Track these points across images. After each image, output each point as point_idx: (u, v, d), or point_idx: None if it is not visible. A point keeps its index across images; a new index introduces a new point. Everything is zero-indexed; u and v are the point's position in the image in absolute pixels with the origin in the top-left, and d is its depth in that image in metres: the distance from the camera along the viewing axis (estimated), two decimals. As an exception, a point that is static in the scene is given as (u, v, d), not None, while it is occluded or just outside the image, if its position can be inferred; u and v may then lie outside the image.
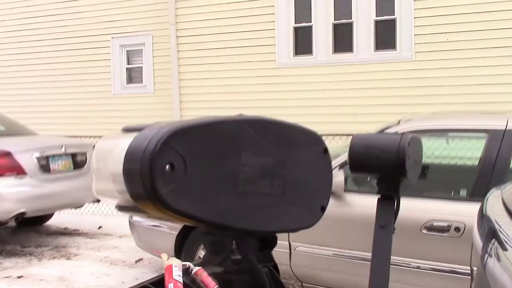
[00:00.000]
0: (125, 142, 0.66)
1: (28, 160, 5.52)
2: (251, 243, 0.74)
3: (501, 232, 1.10)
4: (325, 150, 0.85)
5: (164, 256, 1.77)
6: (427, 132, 3.65)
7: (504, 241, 1.05)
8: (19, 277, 4.77)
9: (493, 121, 3.40)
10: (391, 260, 1.55)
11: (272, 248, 0.79)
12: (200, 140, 0.63)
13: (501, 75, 6.85)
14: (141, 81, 9.54)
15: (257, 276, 0.72)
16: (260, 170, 0.71)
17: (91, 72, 9.68)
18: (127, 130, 0.71)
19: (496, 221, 1.18)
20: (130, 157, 0.62)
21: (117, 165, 0.65)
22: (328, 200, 0.87)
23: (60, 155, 5.89)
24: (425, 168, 4.06)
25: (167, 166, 0.60)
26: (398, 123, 3.72)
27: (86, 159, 6.18)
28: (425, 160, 4.35)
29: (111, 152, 0.70)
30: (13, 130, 6.41)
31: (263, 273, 0.73)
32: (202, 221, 0.64)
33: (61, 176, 5.84)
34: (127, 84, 9.68)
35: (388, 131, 3.54)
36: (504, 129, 3.23)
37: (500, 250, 1.05)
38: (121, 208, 0.72)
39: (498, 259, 1.04)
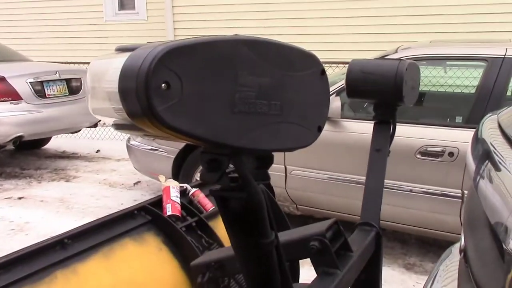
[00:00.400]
0: (119, 61, 0.64)
1: (22, 85, 5.49)
2: (248, 161, 0.75)
3: (495, 154, 1.12)
4: (323, 71, 0.83)
5: (162, 178, 1.80)
6: (425, 60, 3.61)
7: (498, 162, 1.07)
8: (20, 198, 4.88)
9: (492, 49, 3.36)
10: (384, 183, 1.58)
11: (268, 167, 0.79)
12: (196, 59, 0.61)
13: (501, 4, 6.67)
14: (134, 8, 9.23)
15: (254, 193, 0.73)
16: (257, 90, 0.69)
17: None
18: (121, 50, 0.69)
19: (491, 143, 1.19)
20: (125, 75, 0.61)
21: (113, 84, 0.63)
22: (325, 121, 0.86)
23: (54, 81, 5.84)
24: (422, 95, 4.08)
25: (163, 85, 0.58)
26: (396, 51, 3.67)
27: (81, 84, 6.14)
28: (423, 88, 4.36)
29: (106, 71, 0.69)
30: (6, 56, 6.31)
31: (259, 189, 0.74)
32: (199, 138, 0.64)
33: (57, 101, 5.83)
34: (119, 10, 9.38)
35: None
36: (503, 57, 3.20)
37: (493, 171, 1.06)
38: (118, 126, 0.72)
39: (491, 180, 1.06)
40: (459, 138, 3.06)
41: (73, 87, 6.09)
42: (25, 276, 1.13)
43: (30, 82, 5.56)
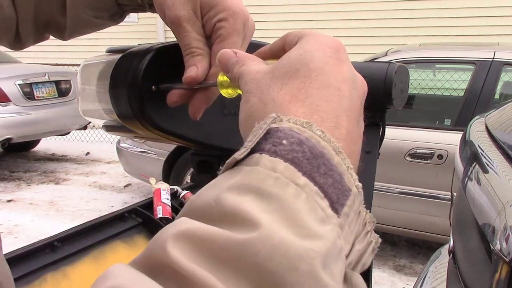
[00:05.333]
0: (110, 62, 0.64)
1: (11, 87, 5.45)
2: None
3: (483, 156, 1.13)
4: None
5: (152, 180, 1.79)
6: (414, 62, 3.65)
7: (485, 164, 1.08)
8: (9, 201, 4.84)
9: (480, 52, 3.40)
10: (374, 186, 1.60)
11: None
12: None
13: (489, 8, 6.74)
14: (124, 9, 9.19)
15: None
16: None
17: None
18: (112, 51, 0.69)
19: (479, 146, 1.21)
20: (116, 77, 0.61)
21: (103, 86, 0.63)
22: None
23: (43, 83, 5.80)
24: (412, 98, 4.10)
25: (154, 87, 0.59)
26: (386, 54, 3.69)
27: (70, 86, 6.11)
28: (412, 90, 4.39)
29: (97, 72, 0.69)
30: (-6, 57, 6.26)
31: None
32: (189, 140, 0.64)
33: (46, 103, 5.79)
34: (110, 11, 9.32)
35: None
36: (491, 60, 3.24)
37: (481, 173, 1.08)
38: (108, 128, 0.72)
39: (479, 182, 1.07)
40: (448, 140, 3.08)
41: (62, 89, 6.05)
42: (15, 279, 1.12)
43: (19, 84, 5.51)
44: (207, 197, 0.30)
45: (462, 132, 1.69)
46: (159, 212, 1.54)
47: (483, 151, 1.17)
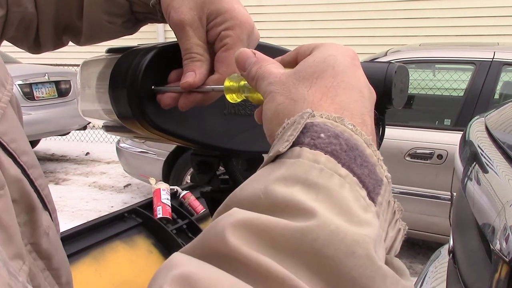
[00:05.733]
0: (110, 63, 0.64)
1: (11, 87, 5.44)
2: (238, 163, 0.75)
3: (482, 156, 1.13)
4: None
5: (152, 180, 1.80)
6: (414, 63, 3.65)
7: (485, 164, 1.08)
8: (9, 202, 4.84)
9: (480, 52, 3.40)
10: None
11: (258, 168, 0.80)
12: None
13: (489, 8, 6.74)
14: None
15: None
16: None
17: None
18: (112, 51, 0.69)
19: (479, 145, 1.21)
20: (116, 77, 0.61)
21: (103, 86, 0.63)
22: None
23: (43, 83, 5.80)
24: (411, 98, 4.11)
25: (153, 86, 0.59)
26: (386, 54, 3.70)
27: (70, 87, 6.11)
28: (412, 90, 4.39)
29: (96, 73, 0.69)
30: (-7, 57, 6.25)
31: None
32: (189, 140, 0.64)
33: (45, 104, 5.79)
34: (109, 11, 9.32)
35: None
36: (490, 60, 3.24)
37: (480, 173, 1.08)
38: (108, 128, 0.72)
39: (478, 182, 1.07)
40: (448, 140, 3.09)
41: (62, 89, 6.05)
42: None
43: (18, 85, 5.51)
44: (253, 190, 0.32)
45: (462, 132, 1.69)
46: (159, 212, 1.54)
47: (483, 151, 1.17)
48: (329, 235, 0.28)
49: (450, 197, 3.08)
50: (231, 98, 0.50)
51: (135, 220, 1.50)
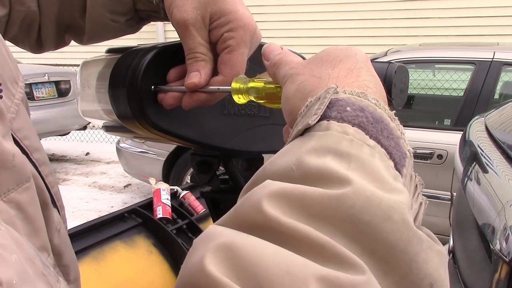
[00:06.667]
0: (109, 63, 0.64)
1: (11, 86, 5.44)
2: (238, 163, 0.75)
3: (482, 156, 1.13)
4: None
5: (152, 180, 1.80)
6: (414, 63, 3.65)
7: (485, 164, 1.08)
8: (9, 202, 4.83)
9: (480, 52, 3.40)
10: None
11: (258, 169, 0.80)
12: (185, 61, 0.62)
13: (489, 7, 6.74)
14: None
15: (244, 195, 0.73)
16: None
17: None
18: (112, 51, 0.69)
19: (479, 146, 1.21)
20: (116, 78, 0.61)
21: (103, 86, 0.64)
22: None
23: (43, 83, 5.80)
24: (411, 98, 4.10)
25: (153, 87, 0.59)
26: (386, 54, 3.70)
27: (70, 87, 6.11)
28: (412, 90, 4.39)
29: (96, 73, 0.69)
30: (-7, 56, 6.25)
31: (250, 191, 0.74)
32: (189, 140, 0.64)
33: (45, 104, 5.79)
34: (109, 11, 9.30)
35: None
36: (490, 60, 3.24)
37: (480, 173, 1.08)
38: (108, 128, 0.72)
39: (478, 182, 1.07)
40: (448, 140, 3.09)
41: (62, 89, 6.05)
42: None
43: (18, 85, 5.51)
44: (285, 163, 0.32)
45: (462, 132, 1.70)
46: (159, 212, 1.54)
47: (483, 151, 1.17)
48: (365, 201, 0.29)
49: (450, 197, 3.08)
50: (238, 99, 0.51)
51: (135, 220, 1.50)
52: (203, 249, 0.28)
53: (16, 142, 0.39)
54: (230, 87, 0.52)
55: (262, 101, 0.49)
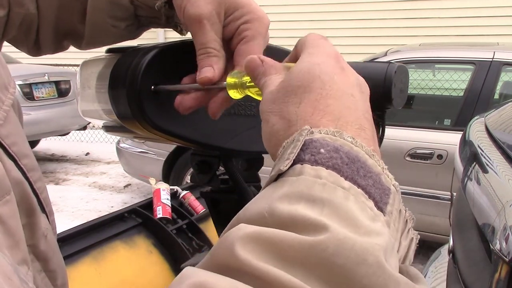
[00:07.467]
0: (109, 63, 0.64)
1: (11, 86, 5.44)
2: (238, 163, 0.75)
3: (482, 156, 1.13)
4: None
5: (152, 180, 1.80)
6: (414, 62, 3.65)
7: (485, 164, 1.08)
8: (9, 202, 4.83)
9: (480, 52, 3.40)
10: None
11: (258, 169, 0.80)
12: (186, 60, 0.62)
13: (489, 7, 6.74)
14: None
15: (244, 195, 0.73)
16: (247, 93, 0.70)
17: None
18: (112, 51, 0.69)
19: (479, 146, 1.21)
20: (115, 77, 0.61)
21: (103, 86, 0.63)
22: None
23: (43, 83, 5.80)
24: (411, 98, 4.11)
25: (153, 87, 0.59)
26: (386, 54, 3.70)
27: (70, 87, 6.11)
28: (412, 90, 4.39)
29: (96, 73, 0.69)
30: (-7, 57, 6.24)
31: (250, 192, 0.74)
32: (188, 140, 0.64)
33: (45, 104, 5.79)
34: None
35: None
36: (490, 60, 3.24)
37: (480, 173, 1.08)
38: (108, 128, 0.72)
39: (478, 182, 1.07)
40: (448, 140, 3.08)
41: (62, 89, 6.05)
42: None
43: (18, 85, 5.51)
44: (257, 209, 0.32)
45: (462, 132, 1.69)
46: (159, 212, 1.54)
47: (483, 151, 1.17)
48: (338, 244, 0.28)
49: (450, 197, 3.08)
50: (234, 94, 0.50)
51: (135, 220, 1.50)
52: None
53: (3, 148, 0.39)
54: (225, 82, 0.51)
55: (258, 97, 0.48)
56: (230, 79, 0.50)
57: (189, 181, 3.18)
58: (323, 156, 0.33)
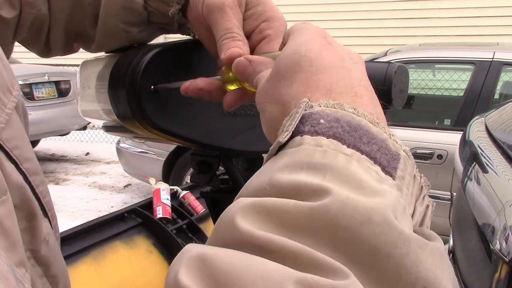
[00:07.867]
0: (109, 63, 0.64)
1: (11, 86, 5.45)
2: (238, 163, 0.75)
3: (482, 156, 1.13)
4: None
5: (152, 180, 1.80)
6: (414, 63, 3.65)
7: (485, 164, 1.08)
8: (9, 202, 4.83)
9: (480, 52, 3.40)
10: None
11: (258, 169, 0.79)
12: (186, 60, 0.62)
13: (489, 8, 6.74)
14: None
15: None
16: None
17: None
18: (111, 51, 0.69)
19: (479, 146, 1.20)
20: (115, 77, 0.61)
21: (103, 86, 0.63)
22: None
23: (43, 83, 5.80)
24: (411, 98, 4.11)
25: (153, 87, 0.59)
26: (386, 54, 3.70)
27: (70, 87, 6.11)
28: (412, 90, 4.39)
29: (96, 73, 0.69)
30: (-7, 57, 6.25)
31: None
32: (188, 140, 0.64)
33: (45, 104, 5.79)
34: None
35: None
36: (490, 60, 3.24)
37: (480, 173, 1.08)
38: (108, 128, 0.72)
39: (478, 182, 1.07)
40: (448, 140, 3.09)
41: (62, 89, 6.05)
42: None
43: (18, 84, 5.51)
44: (258, 183, 0.31)
45: (462, 132, 1.70)
46: (159, 212, 1.54)
47: (483, 151, 1.17)
48: (340, 206, 0.27)
49: (450, 197, 3.08)
50: (228, 88, 0.50)
51: (135, 220, 1.49)
52: (178, 264, 0.28)
53: (5, 152, 0.38)
54: (219, 77, 0.51)
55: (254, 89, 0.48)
56: (225, 73, 0.49)
57: (189, 181, 3.18)
58: (323, 126, 0.32)
